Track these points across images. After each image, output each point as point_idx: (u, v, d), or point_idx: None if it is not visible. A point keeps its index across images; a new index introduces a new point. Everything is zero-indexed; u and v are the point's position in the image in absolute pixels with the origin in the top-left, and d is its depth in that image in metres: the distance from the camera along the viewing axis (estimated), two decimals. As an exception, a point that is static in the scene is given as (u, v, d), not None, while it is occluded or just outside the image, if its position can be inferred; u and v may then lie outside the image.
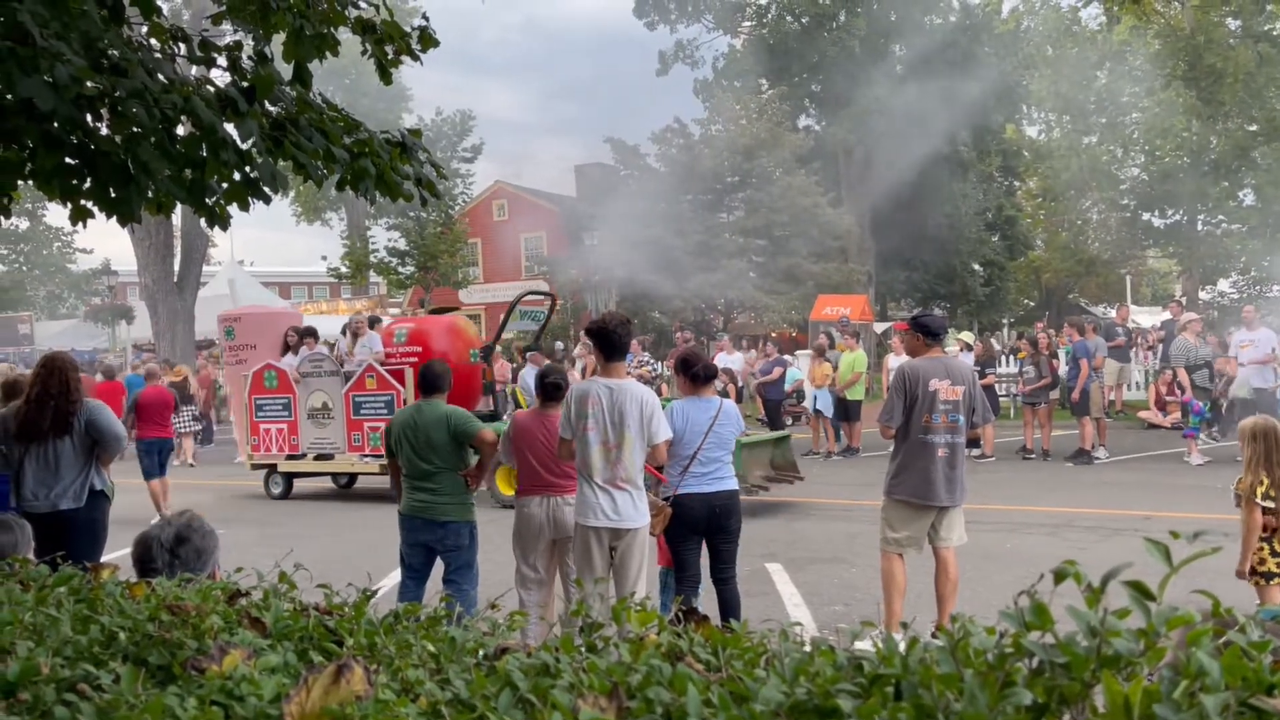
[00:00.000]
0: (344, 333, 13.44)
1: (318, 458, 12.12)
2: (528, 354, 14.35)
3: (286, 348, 12.77)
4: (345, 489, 13.18)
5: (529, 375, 12.20)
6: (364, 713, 1.04)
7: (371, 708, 1.05)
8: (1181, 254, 22.42)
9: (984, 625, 1.05)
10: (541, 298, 15.17)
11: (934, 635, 1.13)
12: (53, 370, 5.42)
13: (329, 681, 1.07)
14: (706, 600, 5.59)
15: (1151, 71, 21.37)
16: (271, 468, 12.56)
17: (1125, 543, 8.03)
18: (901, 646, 1.06)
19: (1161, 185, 21.24)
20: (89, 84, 3.10)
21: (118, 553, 5.05)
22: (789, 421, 16.21)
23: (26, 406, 5.34)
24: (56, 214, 39.09)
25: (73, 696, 1.25)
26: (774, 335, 28.17)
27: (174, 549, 2.83)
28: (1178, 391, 13.52)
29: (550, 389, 5.54)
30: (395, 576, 5.84)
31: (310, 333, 13.28)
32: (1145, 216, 22.96)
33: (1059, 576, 0.98)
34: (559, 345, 20.64)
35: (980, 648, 0.98)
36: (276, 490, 12.55)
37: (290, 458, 12.30)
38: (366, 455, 11.75)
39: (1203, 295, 24.89)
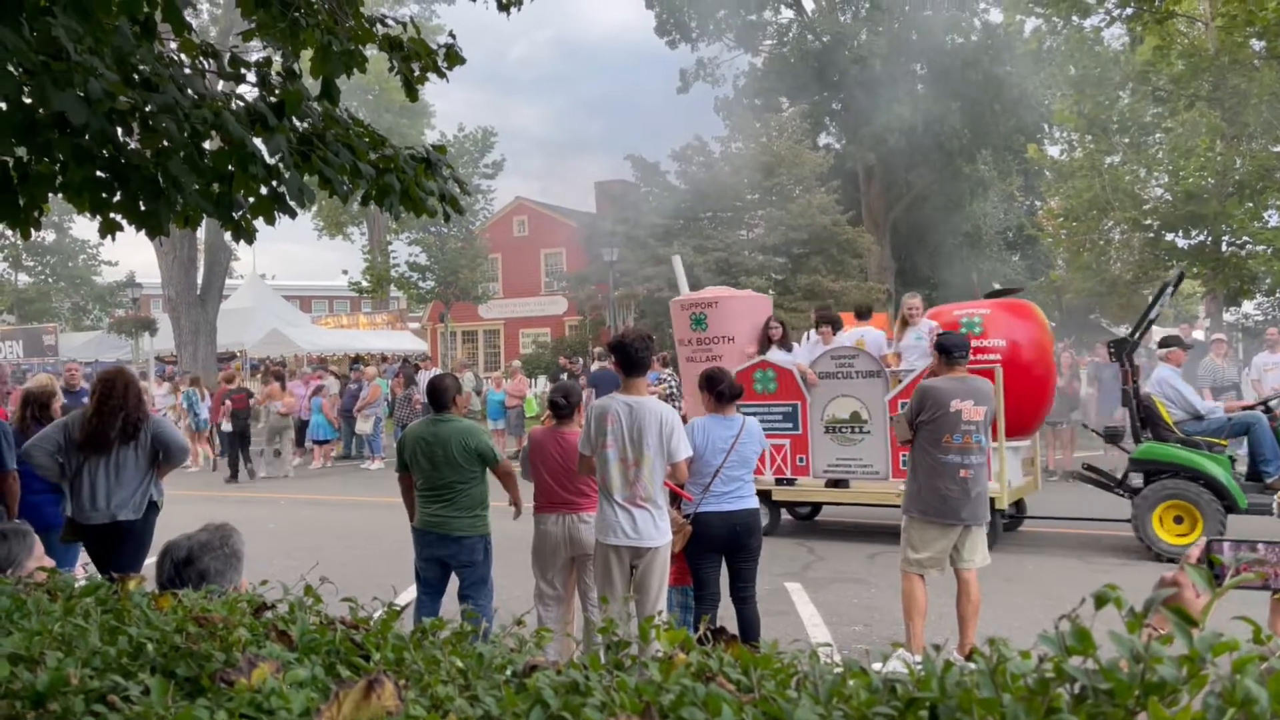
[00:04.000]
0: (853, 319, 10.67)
1: (832, 484, 9.53)
2: (1168, 349, 9.82)
3: (768, 341, 10.16)
4: (806, 519, 10.75)
5: (1167, 374, 8.92)
6: (394, 729, 1.04)
7: (402, 724, 1.04)
8: (1205, 275, 22.20)
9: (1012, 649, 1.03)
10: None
11: (968, 658, 1.12)
12: (126, 381, 5.48)
13: (360, 697, 1.07)
14: (723, 619, 5.56)
15: (1175, 92, 21.25)
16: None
17: (1151, 567, 7.94)
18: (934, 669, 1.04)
19: (1185, 206, 21.06)
20: (121, 99, 3.13)
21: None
22: None
23: (97, 417, 5.33)
24: (83, 227, 39.62)
25: (101, 707, 1.25)
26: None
27: (179, 569, 2.79)
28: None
29: (553, 406, 5.57)
30: (413, 591, 5.84)
31: (829, 320, 10.52)
32: (1169, 237, 22.76)
33: (1100, 601, 0.96)
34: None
35: (1018, 672, 0.97)
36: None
37: (782, 482, 9.67)
38: None
39: (1227, 317, 24.66)
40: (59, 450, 5.35)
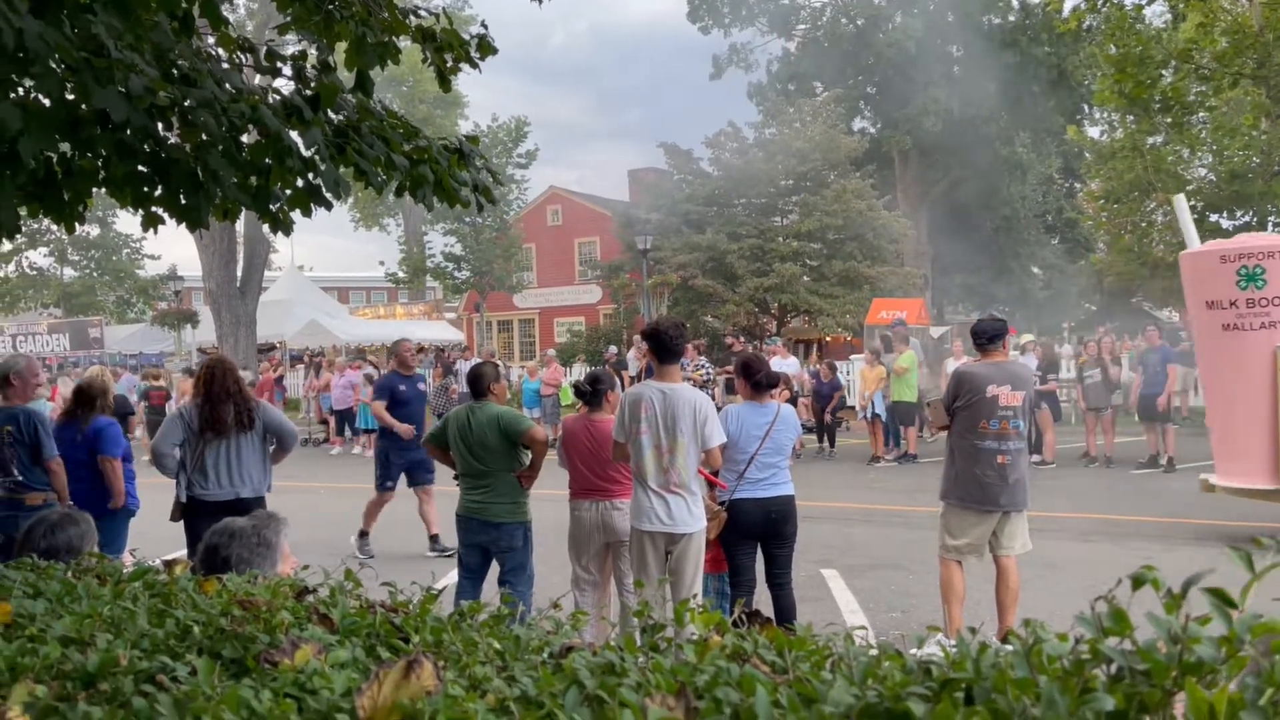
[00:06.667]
0: None
1: None
2: None
3: None
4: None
5: None
6: (434, 708, 1.05)
7: (441, 703, 1.06)
8: (1251, 256, 21.79)
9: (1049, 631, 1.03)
10: None
11: (1004, 642, 1.12)
12: (226, 369, 5.82)
13: (399, 676, 1.09)
14: (759, 605, 5.56)
15: (1218, 70, 20.82)
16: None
17: (1192, 552, 7.82)
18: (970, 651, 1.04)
19: (1230, 186, 20.66)
20: (161, 94, 3.17)
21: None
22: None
23: (209, 404, 5.67)
24: (126, 221, 40.21)
25: (150, 688, 1.28)
26: (829, 339, 27.96)
27: (209, 554, 2.80)
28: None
29: (578, 394, 5.61)
30: (454, 576, 5.91)
31: None
32: (1213, 218, 22.35)
33: (1137, 583, 0.96)
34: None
35: (1053, 653, 0.96)
36: None
37: None
38: None
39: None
40: (181, 444, 5.69)
